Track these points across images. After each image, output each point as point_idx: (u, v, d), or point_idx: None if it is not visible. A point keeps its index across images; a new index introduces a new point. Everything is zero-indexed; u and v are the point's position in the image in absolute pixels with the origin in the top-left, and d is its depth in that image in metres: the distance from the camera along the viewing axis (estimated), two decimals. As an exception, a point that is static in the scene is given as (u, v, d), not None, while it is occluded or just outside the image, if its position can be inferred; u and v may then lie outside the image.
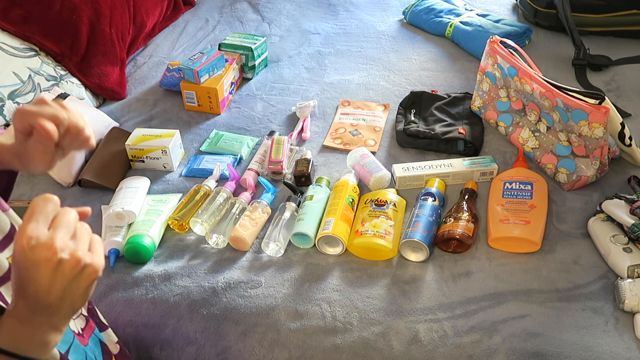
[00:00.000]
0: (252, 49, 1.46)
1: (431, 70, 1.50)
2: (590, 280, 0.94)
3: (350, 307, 0.92)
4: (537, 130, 1.17)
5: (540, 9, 1.60)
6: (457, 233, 0.98)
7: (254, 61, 1.48)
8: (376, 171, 1.12)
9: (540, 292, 0.92)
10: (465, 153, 1.20)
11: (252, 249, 1.04)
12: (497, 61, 1.20)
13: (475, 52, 1.51)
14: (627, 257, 0.92)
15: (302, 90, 1.46)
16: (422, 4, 1.70)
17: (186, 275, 0.99)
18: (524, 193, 1.05)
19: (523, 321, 0.88)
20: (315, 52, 1.62)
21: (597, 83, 1.40)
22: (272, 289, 0.96)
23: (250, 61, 1.48)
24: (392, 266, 0.98)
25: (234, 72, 1.43)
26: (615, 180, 1.11)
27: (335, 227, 0.99)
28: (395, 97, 1.40)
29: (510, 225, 1.00)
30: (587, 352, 0.83)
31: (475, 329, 0.87)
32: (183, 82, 1.37)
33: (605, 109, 1.00)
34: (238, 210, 1.08)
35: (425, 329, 0.88)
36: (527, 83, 1.12)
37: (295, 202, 1.08)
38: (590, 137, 1.03)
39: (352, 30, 1.72)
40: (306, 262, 1.00)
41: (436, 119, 1.27)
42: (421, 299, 0.92)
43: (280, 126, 1.34)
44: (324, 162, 1.22)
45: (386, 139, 1.28)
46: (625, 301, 0.87)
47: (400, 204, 1.06)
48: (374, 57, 1.58)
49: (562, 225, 1.04)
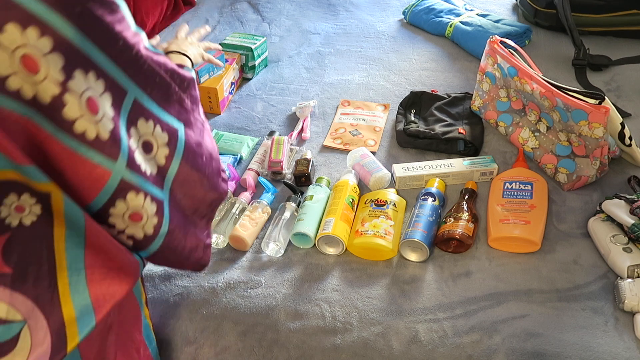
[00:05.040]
0: (252, 49, 1.46)
1: (431, 70, 1.50)
2: (590, 280, 0.94)
3: (350, 307, 0.92)
4: (537, 130, 1.17)
5: (540, 9, 1.60)
6: (457, 233, 0.98)
7: (254, 61, 1.48)
8: (376, 171, 1.12)
9: (540, 292, 0.92)
10: (465, 153, 1.20)
11: (252, 249, 1.04)
12: (497, 61, 1.20)
13: (475, 52, 1.51)
14: (627, 257, 0.92)
15: (302, 90, 1.46)
16: (422, 4, 1.70)
17: (186, 275, 0.99)
18: (524, 193, 1.05)
19: (523, 321, 0.88)
20: (315, 52, 1.62)
21: (597, 83, 1.40)
22: (272, 289, 0.96)
23: (250, 61, 1.48)
24: (392, 266, 0.98)
25: (234, 72, 1.44)
26: (615, 180, 1.11)
27: (335, 227, 0.99)
28: (395, 97, 1.40)
29: (510, 225, 1.00)
30: (587, 352, 0.83)
31: (475, 329, 0.87)
32: None
33: (605, 109, 1.00)
34: (238, 210, 1.08)
35: (425, 329, 0.88)
36: (527, 83, 1.12)
37: (295, 202, 1.09)
38: (590, 137, 1.03)
39: (352, 30, 1.72)
40: (306, 262, 1.00)
41: (436, 119, 1.27)
42: (421, 299, 0.92)
43: (280, 126, 1.34)
44: (324, 162, 1.22)
45: (386, 139, 1.28)
46: (625, 301, 0.87)
47: (400, 204, 1.06)
48: (374, 57, 1.58)
49: (562, 225, 1.04)
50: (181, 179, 0.74)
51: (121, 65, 0.63)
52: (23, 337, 0.61)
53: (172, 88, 0.73)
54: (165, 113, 0.72)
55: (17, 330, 0.60)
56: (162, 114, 0.72)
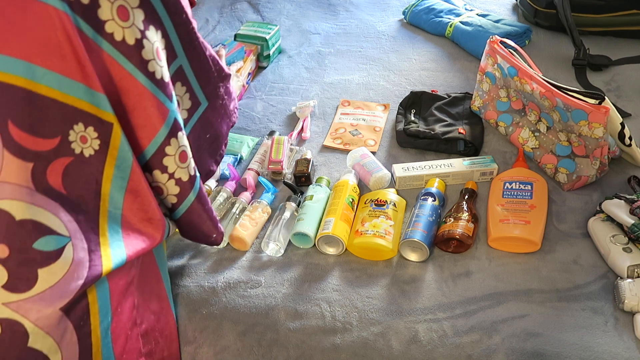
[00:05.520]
0: (267, 39, 1.53)
1: (431, 70, 1.50)
2: (590, 280, 0.94)
3: (349, 307, 0.92)
4: (537, 130, 1.17)
5: (540, 9, 1.60)
6: (457, 233, 0.98)
7: (268, 50, 1.55)
8: (376, 171, 1.12)
9: (540, 292, 0.92)
10: (465, 153, 1.20)
11: (252, 249, 1.04)
12: (497, 61, 1.20)
13: (475, 52, 1.51)
14: (627, 257, 0.92)
15: (302, 90, 1.46)
16: (422, 4, 1.70)
17: (186, 275, 0.99)
18: (524, 193, 1.05)
19: (523, 321, 0.88)
20: (315, 52, 1.62)
21: (597, 83, 1.40)
22: (272, 289, 0.96)
23: (265, 50, 1.55)
24: (392, 266, 0.98)
25: (251, 63, 1.50)
26: (615, 180, 1.11)
27: (335, 227, 0.99)
28: (395, 97, 1.40)
29: (510, 225, 1.00)
30: (586, 352, 0.83)
31: (474, 329, 0.87)
32: None
33: (605, 109, 1.00)
34: (238, 210, 1.08)
35: (425, 328, 0.88)
36: (527, 83, 1.12)
37: (295, 202, 1.09)
38: (590, 137, 1.03)
39: (352, 30, 1.72)
40: (306, 262, 1.00)
41: (436, 119, 1.27)
42: (421, 299, 0.92)
43: (280, 126, 1.34)
44: (324, 162, 1.22)
45: (386, 139, 1.28)
46: (625, 301, 0.87)
47: (400, 204, 1.06)
48: (374, 57, 1.58)
49: (562, 225, 1.03)
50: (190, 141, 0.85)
51: (179, 33, 0.78)
52: (66, 251, 0.69)
53: (211, 71, 0.89)
54: (198, 87, 0.87)
55: (62, 244, 0.69)
56: (195, 87, 0.86)
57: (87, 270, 0.71)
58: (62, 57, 0.64)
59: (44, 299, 0.68)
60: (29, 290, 0.67)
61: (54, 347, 0.70)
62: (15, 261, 0.66)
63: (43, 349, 0.69)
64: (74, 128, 0.68)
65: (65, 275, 0.69)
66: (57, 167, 0.68)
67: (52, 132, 0.67)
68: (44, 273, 0.67)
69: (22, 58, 0.62)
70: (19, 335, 0.67)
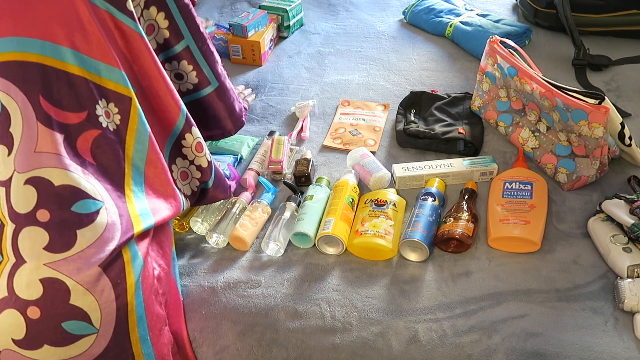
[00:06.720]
0: (287, 10, 1.65)
1: (431, 70, 1.50)
2: (590, 280, 0.94)
3: (349, 306, 0.92)
4: (537, 130, 1.17)
5: (540, 9, 1.60)
6: (456, 233, 0.98)
7: (289, 21, 1.67)
8: (376, 171, 1.12)
9: (539, 292, 0.92)
10: (465, 153, 1.20)
11: (252, 249, 1.04)
12: (497, 61, 1.20)
13: (475, 52, 1.51)
14: (627, 257, 0.92)
15: (302, 90, 1.46)
16: (422, 4, 1.70)
17: (186, 275, 0.99)
18: (523, 193, 1.05)
19: (522, 321, 0.88)
20: (315, 52, 1.62)
21: (597, 83, 1.40)
22: (272, 289, 0.96)
23: (285, 21, 1.67)
24: (392, 266, 0.98)
25: (273, 30, 1.63)
26: (615, 180, 1.11)
27: (335, 227, 0.99)
28: (395, 97, 1.40)
29: (510, 225, 1.00)
30: (586, 352, 0.83)
31: (474, 329, 0.87)
32: (231, 36, 1.56)
33: (605, 109, 1.00)
34: (238, 210, 1.08)
35: (425, 328, 0.88)
36: (527, 83, 1.12)
37: (295, 202, 1.09)
38: (590, 137, 1.03)
39: (352, 30, 1.72)
40: (306, 262, 1.00)
41: (436, 119, 1.27)
42: (421, 298, 0.92)
43: (280, 126, 1.34)
44: (324, 162, 1.22)
45: (386, 139, 1.28)
46: (624, 301, 0.87)
47: (400, 204, 1.06)
48: (374, 57, 1.58)
49: (562, 225, 1.03)
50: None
51: (183, 16, 0.90)
52: (102, 214, 0.76)
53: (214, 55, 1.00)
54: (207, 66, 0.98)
55: (98, 207, 0.76)
56: (204, 66, 0.97)
57: (120, 232, 0.77)
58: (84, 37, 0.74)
59: (83, 257, 0.73)
60: (68, 250, 0.73)
61: (94, 305, 0.75)
62: (56, 223, 0.72)
63: (84, 306, 0.74)
64: (99, 103, 0.76)
65: (102, 235, 0.75)
66: (88, 138, 0.76)
67: (80, 106, 0.75)
68: (82, 234, 0.74)
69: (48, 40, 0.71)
70: (61, 293, 0.73)
